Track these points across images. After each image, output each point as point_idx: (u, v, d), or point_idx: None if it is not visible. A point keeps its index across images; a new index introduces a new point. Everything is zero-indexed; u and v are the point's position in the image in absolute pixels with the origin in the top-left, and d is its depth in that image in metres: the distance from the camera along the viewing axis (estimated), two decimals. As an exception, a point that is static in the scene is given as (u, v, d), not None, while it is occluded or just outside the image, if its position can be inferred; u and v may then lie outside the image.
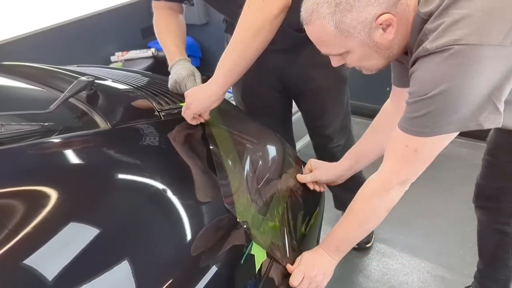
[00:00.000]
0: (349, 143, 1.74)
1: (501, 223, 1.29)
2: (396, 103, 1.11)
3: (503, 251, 1.33)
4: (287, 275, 0.92)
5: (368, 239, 1.86)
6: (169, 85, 1.24)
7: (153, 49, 3.05)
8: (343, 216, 1.01)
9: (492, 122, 0.78)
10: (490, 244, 1.37)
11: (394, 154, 0.89)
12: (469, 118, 0.77)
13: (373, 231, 1.89)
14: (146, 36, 3.20)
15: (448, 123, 0.78)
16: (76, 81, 1.03)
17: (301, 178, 1.15)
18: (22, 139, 0.86)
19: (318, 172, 1.16)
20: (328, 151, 1.71)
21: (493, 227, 1.32)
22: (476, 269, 1.48)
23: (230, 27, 1.51)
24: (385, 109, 1.18)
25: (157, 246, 0.73)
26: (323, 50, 0.88)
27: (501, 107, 0.78)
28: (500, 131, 1.17)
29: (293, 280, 0.92)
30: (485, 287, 1.45)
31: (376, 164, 1.17)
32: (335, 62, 0.90)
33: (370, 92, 2.49)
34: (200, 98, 1.06)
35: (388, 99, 1.16)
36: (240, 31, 1.03)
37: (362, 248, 1.85)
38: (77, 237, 0.68)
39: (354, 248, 1.85)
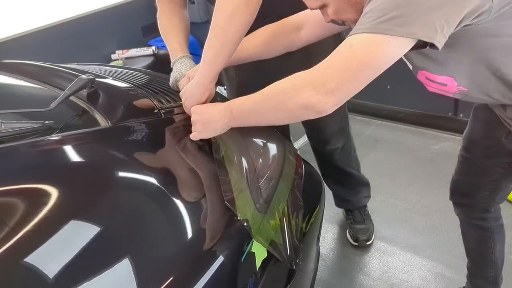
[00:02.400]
0: (348, 145, 1.74)
1: (478, 219, 1.31)
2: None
3: (486, 246, 1.34)
4: (286, 270, 0.93)
5: (369, 237, 1.86)
6: (170, 83, 1.24)
7: (153, 47, 3.04)
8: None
9: (425, 35, 0.74)
10: (473, 241, 1.39)
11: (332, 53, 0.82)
12: (407, 22, 0.73)
13: (373, 228, 1.90)
14: (147, 34, 3.20)
15: (386, 21, 0.74)
16: (76, 79, 1.03)
17: None
18: (22, 137, 0.86)
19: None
20: (326, 153, 1.71)
21: (472, 224, 1.34)
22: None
23: None
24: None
25: (157, 244, 0.73)
26: (306, 2, 0.91)
27: (441, 28, 0.74)
28: (474, 125, 1.19)
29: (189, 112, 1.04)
30: (476, 285, 1.45)
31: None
32: (325, 18, 0.93)
33: (371, 90, 2.48)
34: (190, 93, 1.06)
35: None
36: (216, 17, 1.00)
37: (363, 245, 1.85)
38: (79, 234, 0.68)
39: (354, 246, 1.87)
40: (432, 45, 0.76)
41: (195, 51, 3.27)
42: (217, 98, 1.14)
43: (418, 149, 2.44)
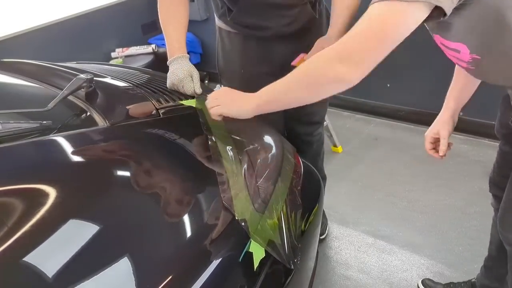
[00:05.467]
0: (323, 135, 1.83)
1: None
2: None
3: None
4: (285, 269, 0.93)
5: (322, 230, 1.87)
6: (167, 85, 1.23)
7: (153, 45, 3.04)
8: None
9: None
10: (498, 233, 1.38)
11: (353, 27, 0.87)
12: None
13: (327, 224, 1.91)
14: (147, 32, 3.20)
15: None
16: (75, 79, 1.03)
17: (443, 151, 1.22)
18: (20, 137, 0.86)
19: (443, 132, 1.23)
20: (311, 139, 1.75)
21: None
22: (480, 264, 1.49)
23: (227, 14, 1.44)
24: None
25: (155, 244, 0.73)
26: None
27: None
28: (497, 118, 1.22)
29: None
30: (486, 276, 1.46)
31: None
32: None
33: (371, 88, 2.48)
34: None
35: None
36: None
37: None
38: (76, 234, 0.68)
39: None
40: (444, 15, 0.79)
41: (194, 49, 3.28)
42: None
43: (418, 147, 2.43)
